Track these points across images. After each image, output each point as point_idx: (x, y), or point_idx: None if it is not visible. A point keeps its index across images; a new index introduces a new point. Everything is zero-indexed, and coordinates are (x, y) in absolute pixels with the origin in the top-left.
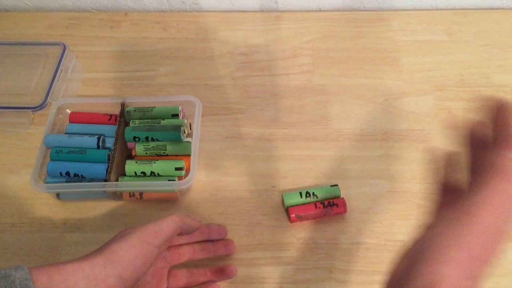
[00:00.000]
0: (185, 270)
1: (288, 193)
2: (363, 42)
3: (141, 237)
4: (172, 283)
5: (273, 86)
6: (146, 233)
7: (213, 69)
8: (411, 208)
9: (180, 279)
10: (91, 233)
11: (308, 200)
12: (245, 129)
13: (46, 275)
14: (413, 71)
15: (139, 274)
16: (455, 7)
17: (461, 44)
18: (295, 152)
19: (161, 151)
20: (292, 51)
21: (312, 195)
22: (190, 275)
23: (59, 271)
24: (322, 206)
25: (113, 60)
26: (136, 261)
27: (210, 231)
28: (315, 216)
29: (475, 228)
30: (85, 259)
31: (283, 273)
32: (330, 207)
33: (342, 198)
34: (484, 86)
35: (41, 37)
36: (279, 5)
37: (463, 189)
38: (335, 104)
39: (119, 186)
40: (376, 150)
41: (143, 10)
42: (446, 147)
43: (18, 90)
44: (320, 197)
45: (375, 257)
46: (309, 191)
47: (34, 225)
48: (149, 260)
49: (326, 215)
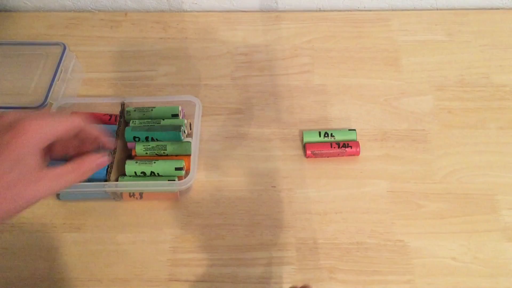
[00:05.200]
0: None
1: (308, 131)
2: (363, 42)
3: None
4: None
5: (273, 86)
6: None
7: (213, 69)
8: (411, 208)
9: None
10: (91, 233)
11: (326, 140)
12: (245, 129)
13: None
14: (413, 71)
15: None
16: (455, 7)
17: (461, 44)
18: (295, 152)
19: (161, 151)
20: (292, 51)
21: (330, 136)
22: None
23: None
24: (337, 146)
25: (113, 60)
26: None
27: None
28: (330, 155)
29: None
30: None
31: (283, 273)
32: (344, 148)
33: (357, 141)
34: (484, 86)
35: (41, 37)
36: (279, 5)
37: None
38: (335, 104)
39: (119, 186)
40: (376, 150)
41: (143, 10)
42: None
43: (18, 90)
44: (337, 139)
45: (375, 257)
46: (327, 132)
47: (34, 225)
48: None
49: (339, 155)
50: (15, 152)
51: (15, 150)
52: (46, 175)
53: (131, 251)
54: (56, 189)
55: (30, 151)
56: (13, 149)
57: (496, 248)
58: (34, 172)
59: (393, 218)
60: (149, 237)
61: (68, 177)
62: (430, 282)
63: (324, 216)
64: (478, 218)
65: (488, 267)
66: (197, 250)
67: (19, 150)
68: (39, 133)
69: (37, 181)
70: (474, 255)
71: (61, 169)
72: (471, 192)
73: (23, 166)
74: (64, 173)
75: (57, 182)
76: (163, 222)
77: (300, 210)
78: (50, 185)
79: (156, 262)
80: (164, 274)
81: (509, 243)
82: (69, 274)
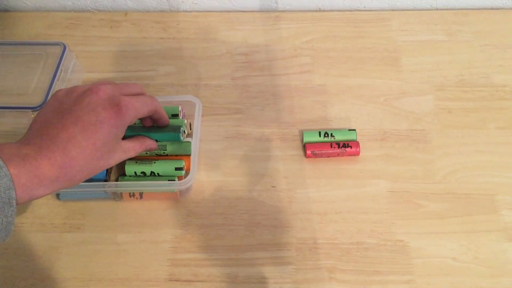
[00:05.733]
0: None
1: (307, 131)
2: (363, 42)
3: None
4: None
5: (273, 86)
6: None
7: (213, 69)
8: (411, 208)
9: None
10: (91, 233)
11: (326, 140)
12: (245, 129)
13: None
14: (413, 71)
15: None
16: (455, 7)
17: (461, 44)
18: (295, 152)
19: (161, 151)
20: (292, 51)
21: (330, 136)
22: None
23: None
24: (337, 146)
25: (113, 60)
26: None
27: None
28: (330, 155)
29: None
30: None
31: (283, 273)
32: (344, 148)
33: (357, 141)
34: (484, 86)
35: (41, 37)
36: (279, 5)
37: None
38: (335, 104)
39: (119, 186)
40: (376, 150)
41: (143, 10)
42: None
43: (18, 90)
44: (337, 139)
45: (375, 257)
46: (327, 132)
47: (34, 225)
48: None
49: (339, 155)
50: (113, 129)
51: (113, 128)
52: (121, 147)
53: (131, 251)
54: (122, 160)
55: (124, 129)
56: (112, 126)
57: (496, 248)
58: (118, 144)
59: (393, 218)
60: (149, 237)
61: (131, 153)
62: (430, 282)
63: (324, 216)
64: (478, 218)
65: (488, 267)
66: (197, 250)
67: (116, 128)
68: (134, 113)
69: (117, 152)
70: (474, 255)
71: (129, 144)
72: (471, 192)
73: (115, 140)
74: (131, 148)
75: (125, 154)
76: (163, 222)
77: (300, 210)
78: (121, 156)
79: (156, 262)
80: (164, 274)
81: (509, 243)
82: (69, 274)
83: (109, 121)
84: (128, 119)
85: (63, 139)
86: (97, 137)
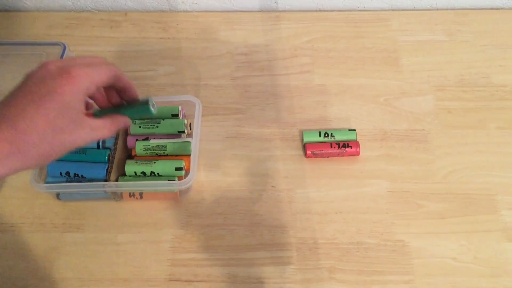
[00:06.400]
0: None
1: (307, 131)
2: (363, 42)
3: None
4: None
5: (273, 86)
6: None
7: (213, 69)
8: (411, 208)
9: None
10: (91, 233)
11: (326, 140)
12: (245, 129)
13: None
14: (413, 71)
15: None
16: (455, 7)
17: (461, 44)
18: (295, 152)
19: (161, 151)
20: (292, 51)
21: (330, 136)
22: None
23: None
24: (337, 146)
25: (113, 60)
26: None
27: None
28: (330, 155)
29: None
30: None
31: (283, 273)
32: (344, 148)
33: (357, 141)
34: (484, 86)
35: (41, 37)
36: (279, 5)
37: None
38: (335, 104)
39: (119, 186)
40: (376, 150)
41: (143, 10)
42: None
43: None
44: (337, 139)
45: (375, 257)
46: (327, 132)
47: (34, 225)
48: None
49: (339, 155)
50: (66, 98)
51: (66, 96)
52: (88, 124)
53: (131, 251)
54: (92, 139)
55: (79, 97)
56: (64, 94)
57: (496, 248)
58: (80, 118)
59: (393, 218)
60: (149, 237)
61: (103, 131)
62: (430, 282)
63: (324, 216)
64: (478, 218)
65: (488, 267)
66: (197, 250)
67: (69, 96)
68: (88, 80)
69: (82, 128)
70: (474, 255)
71: (98, 122)
72: (471, 192)
73: (72, 111)
74: (101, 127)
75: (95, 133)
76: (163, 222)
77: (300, 210)
78: (89, 134)
79: (156, 262)
80: (164, 274)
81: (509, 243)
82: (69, 274)
83: (61, 89)
84: (82, 85)
85: (12, 114)
86: (49, 107)
